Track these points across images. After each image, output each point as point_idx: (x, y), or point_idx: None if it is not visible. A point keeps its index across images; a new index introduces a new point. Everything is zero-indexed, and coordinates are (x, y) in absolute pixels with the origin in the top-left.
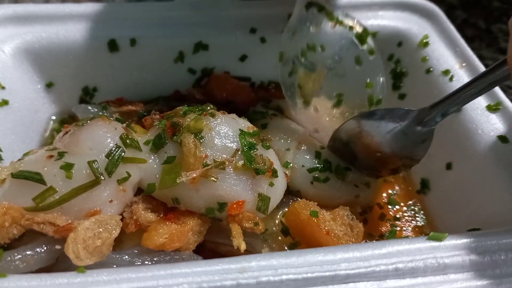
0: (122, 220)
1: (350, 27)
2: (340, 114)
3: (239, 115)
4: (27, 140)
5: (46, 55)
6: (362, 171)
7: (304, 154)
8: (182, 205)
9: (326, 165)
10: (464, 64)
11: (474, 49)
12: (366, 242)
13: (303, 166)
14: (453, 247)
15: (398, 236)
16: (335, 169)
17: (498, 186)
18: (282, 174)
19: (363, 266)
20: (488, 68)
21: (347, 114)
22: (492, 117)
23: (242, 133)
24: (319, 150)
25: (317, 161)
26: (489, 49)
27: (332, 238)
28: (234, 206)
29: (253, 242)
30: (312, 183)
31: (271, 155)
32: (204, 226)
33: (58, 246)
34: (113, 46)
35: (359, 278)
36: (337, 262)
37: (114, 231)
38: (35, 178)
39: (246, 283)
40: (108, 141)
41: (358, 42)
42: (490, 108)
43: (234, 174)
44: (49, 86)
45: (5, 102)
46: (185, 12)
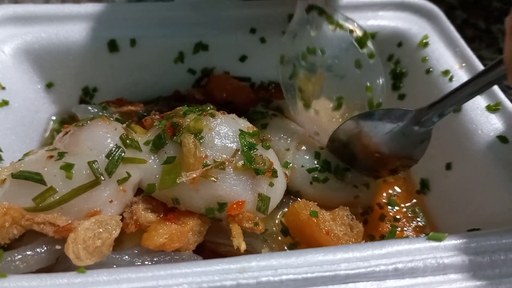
0: (122, 220)
1: (351, 31)
2: (340, 117)
3: (239, 115)
4: (27, 140)
5: (46, 56)
6: (361, 172)
7: (303, 155)
8: (182, 205)
9: (325, 165)
10: (464, 64)
11: (474, 49)
12: (366, 242)
13: (303, 166)
14: (452, 247)
15: (398, 236)
16: (334, 169)
17: (498, 186)
18: (282, 174)
19: (363, 266)
20: (484, 68)
21: (347, 117)
22: (491, 117)
23: (242, 133)
24: (319, 151)
25: (316, 161)
26: (489, 49)
27: (332, 238)
28: (234, 206)
29: (253, 242)
30: (311, 184)
31: (271, 155)
32: (204, 226)
33: (58, 246)
34: (113, 46)
35: (359, 278)
36: (337, 262)
37: (114, 231)
38: (35, 178)
39: (246, 283)
40: (108, 141)
41: (358, 45)
42: (489, 108)
43: (234, 174)
44: (49, 86)
45: (5, 103)
46: (185, 12)
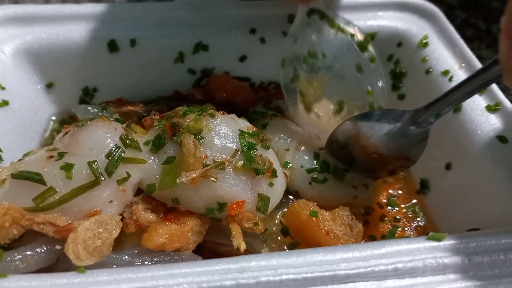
0: (122, 220)
1: (352, 35)
2: (341, 120)
3: (239, 115)
4: (27, 140)
5: (46, 56)
6: (360, 173)
7: (303, 155)
8: (182, 205)
9: (324, 166)
10: (463, 64)
11: (473, 49)
12: (365, 242)
13: (302, 166)
14: (452, 247)
15: (399, 236)
16: (333, 170)
17: (498, 186)
18: (282, 174)
19: (363, 266)
20: (480, 68)
21: None
22: (491, 117)
23: (242, 133)
24: (318, 151)
25: (315, 162)
26: (488, 49)
27: (331, 238)
28: (234, 206)
29: (252, 242)
30: (310, 184)
31: (271, 155)
32: (204, 226)
33: (58, 246)
34: (113, 46)
35: (359, 278)
36: (336, 262)
37: (114, 232)
38: (35, 178)
39: (245, 283)
40: (108, 141)
41: (359, 49)
42: (489, 108)
43: (233, 174)
44: (49, 86)
45: (5, 103)
46: (185, 12)
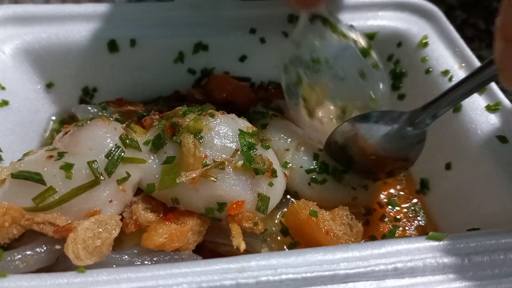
0: (121, 220)
1: (354, 40)
2: None
3: (239, 115)
4: (27, 140)
5: (46, 56)
6: (359, 174)
7: (302, 155)
8: (182, 205)
9: (323, 167)
10: (463, 64)
11: (473, 49)
12: (365, 241)
13: (301, 167)
14: (452, 247)
15: (399, 236)
16: (332, 171)
17: (498, 186)
18: (282, 174)
19: (362, 266)
20: (475, 68)
21: None
22: (491, 117)
23: (242, 133)
24: (317, 152)
25: (315, 162)
26: (488, 49)
27: (331, 238)
28: (234, 206)
29: (252, 242)
30: (309, 185)
31: (271, 155)
32: (203, 226)
33: (58, 246)
34: (113, 46)
35: (358, 278)
36: (336, 261)
37: (113, 231)
38: (35, 178)
39: (245, 283)
40: (107, 141)
41: (362, 55)
42: (489, 108)
43: (233, 174)
44: (49, 86)
45: (5, 103)
46: (185, 12)
